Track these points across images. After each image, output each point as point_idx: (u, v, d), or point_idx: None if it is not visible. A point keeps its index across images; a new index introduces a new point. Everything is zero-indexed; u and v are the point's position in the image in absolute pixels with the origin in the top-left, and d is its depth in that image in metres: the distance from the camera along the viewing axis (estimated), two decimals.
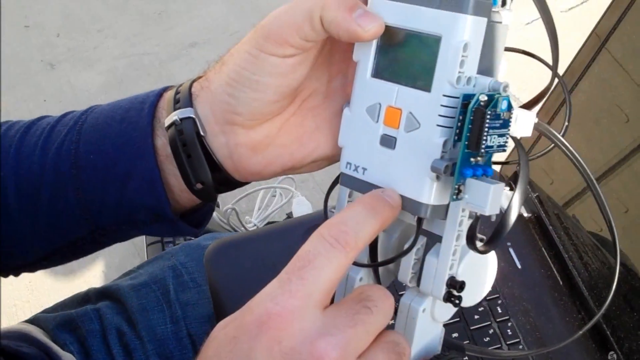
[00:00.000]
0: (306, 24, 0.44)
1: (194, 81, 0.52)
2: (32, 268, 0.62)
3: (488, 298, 0.66)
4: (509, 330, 0.65)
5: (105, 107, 0.55)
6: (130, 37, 2.08)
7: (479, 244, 0.40)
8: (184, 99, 0.50)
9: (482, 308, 0.66)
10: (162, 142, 0.51)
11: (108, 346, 0.73)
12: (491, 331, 0.65)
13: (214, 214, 0.87)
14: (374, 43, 0.44)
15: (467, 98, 0.40)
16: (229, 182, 0.52)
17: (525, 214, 0.73)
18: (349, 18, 0.42)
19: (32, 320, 0.77)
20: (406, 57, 0.43)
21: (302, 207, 1.10)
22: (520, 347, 0.63)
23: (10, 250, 0.57)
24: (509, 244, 0.70)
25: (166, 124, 0.50)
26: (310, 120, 0.51)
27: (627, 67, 0.64)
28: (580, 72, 0.67)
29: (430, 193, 0.41)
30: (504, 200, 0.40)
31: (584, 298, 0.66)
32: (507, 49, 0.44)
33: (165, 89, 0.53)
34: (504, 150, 0.42)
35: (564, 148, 0.44)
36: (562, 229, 0.71)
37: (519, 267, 0.69)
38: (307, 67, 0.47)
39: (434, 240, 0.43)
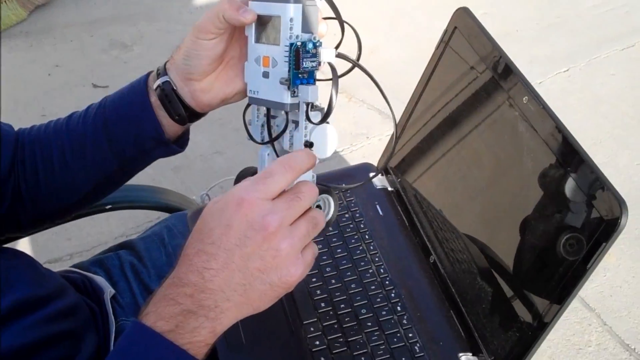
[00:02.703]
0: (215, 20, 0.75)
1: (166, 62, 0.83)
2: (79, 206, 0.95)
3: (361, 231, 1.08)
4: (371, 247, 1.06)
5: (115, 92, 0.88)
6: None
7: (315, 120, 0.72)
8: (162, 71, 0.83)
9: (357, 236, 1.07)
10: (154, 99, 0.83)
11: (124, 273, 1.08)
12: (361, 247, 1.06)
13: (194, 197, 1.29)
14: (254, 25, 0.74)
15: (291, 44, 0.71)
16: (195, 114, 0.85)
17: (389, 188, 1.16)
18: (237, 13, 0.73)
19: (73, 266, 1.15)
20: (268, 29, 0.73)
21: None
22: (377, 252, 1.05)
23: (67, 191, 0.89)
24: (376, 202, 1.13)
25: (154, 87, 0.83)
26: (231, 72, 0.82)
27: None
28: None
29: (287, 97, 0.72)
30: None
31: (419, 231, 1.08)
32: (325, 18, 0.75)
33: (150, 72, 0.85)
34: (317, 68, 0.72)
35: (359, 68, 0.76)
36: (414, 199, 1.13)
37: (381, 214, 1.11)
38: (224, 43, 0.78)
39: (297, 124, 0.74)
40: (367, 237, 1.07)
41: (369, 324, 0.95)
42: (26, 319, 0.75)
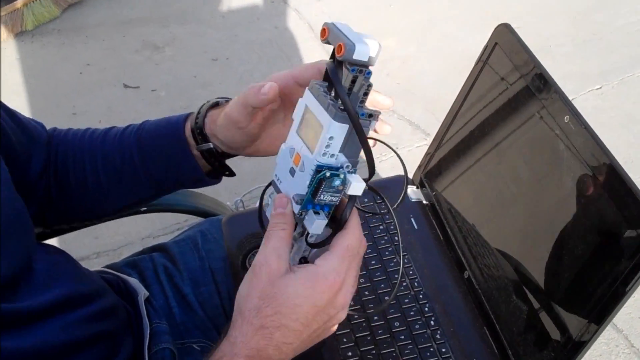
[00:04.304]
0: (243, 110, 0.80)
1: (204, 128, 0.88)
2: (110, 216, 1.01)
3: (395, 243, 1.08)
4: (406, 260, 1.06)
5: (155, 120, 0.93)
6: None
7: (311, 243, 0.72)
8: (200, 118, 0.88)
9: (391, 249, 1.07)
10: (188, 132, 0.89)
11: (158, 275, 1.09)
12: (395, 260, 1.05)
13: (228, 203, 1.30)
14: (301, 114, 0.69)
15: (320, 168, 0.65)
16: (219, 154, 0.90)
17: (424, 202, 1.16)
18: (257, 95, 0.77)
19: (107, 266, 1.17)
20: (310, 126, 0.68)
21: None
22: (411, 265, 1.05)
23: (99, 204, 0.96)
24: (411, 215, 1.13)
25: (197, 152, 0.89)
26: (275, 131, 0.87)
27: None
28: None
29: (296, 209, 0.69)
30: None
31: (453, 246, 1.08)
32: (373, 139, 0.76)
33: (189, 114, 0.91)
34: (335, 204, 0.69)
35: (392, 214, 0.81)
36: (449, 213, 1.12)
37: (416, 227, 1.11)
38: (257, 124, 0.83)
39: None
40: (402, 252, 1.07)
41: (402, 337, 0.95)
42: (69, 315, 0.76)
